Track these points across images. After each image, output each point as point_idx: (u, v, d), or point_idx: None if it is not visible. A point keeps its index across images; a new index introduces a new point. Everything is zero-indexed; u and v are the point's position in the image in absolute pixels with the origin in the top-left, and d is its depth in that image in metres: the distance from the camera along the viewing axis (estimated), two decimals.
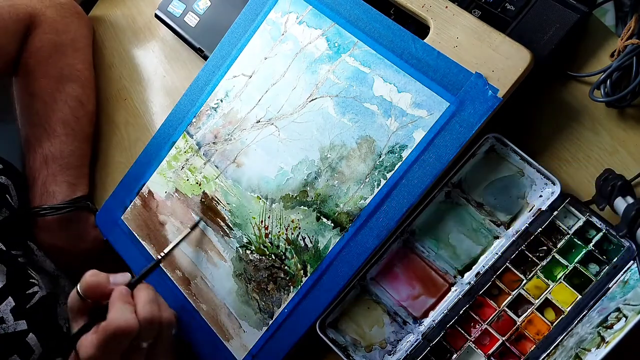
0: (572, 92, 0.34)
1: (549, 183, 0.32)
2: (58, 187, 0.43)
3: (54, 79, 0.44)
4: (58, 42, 0.45)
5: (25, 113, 0.45)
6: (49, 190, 0.43)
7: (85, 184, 0.46)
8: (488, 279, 0.32)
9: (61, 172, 0.44)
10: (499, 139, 0.32)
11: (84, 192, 0.45)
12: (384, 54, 0.34)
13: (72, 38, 0.46)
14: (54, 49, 0.44)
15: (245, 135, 0.38)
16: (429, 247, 0.34)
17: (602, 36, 0.34)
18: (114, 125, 0.48)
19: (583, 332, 0.30)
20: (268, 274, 0.36)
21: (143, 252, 0.41)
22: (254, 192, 0.37)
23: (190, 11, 0.45)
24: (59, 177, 0.44)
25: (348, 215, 0.34)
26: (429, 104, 0.33)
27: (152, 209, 0.41)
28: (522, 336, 0.32)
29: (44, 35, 0.44)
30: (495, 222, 0.33)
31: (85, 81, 0.46)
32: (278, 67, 0.38)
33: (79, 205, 0.44)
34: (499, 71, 0.31)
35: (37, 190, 0.44)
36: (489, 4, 0.35)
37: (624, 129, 0.32)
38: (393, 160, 0.33)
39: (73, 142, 0.44)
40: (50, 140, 0.44)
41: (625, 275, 0.30)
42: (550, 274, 0.32)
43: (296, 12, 0.37)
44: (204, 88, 0.40)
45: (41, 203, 0.43)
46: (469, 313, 0.32)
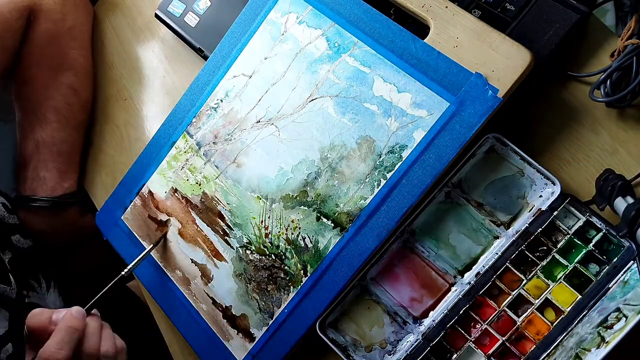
0: (572, 92, 0.34)
1: (549, 183, 0.32)
2: (48, 172, 0.44)
3: (48, 67, 0.44)
4: (55, 31, 0.44)
5: (19, 100, 0.45)
6: (39, 176, 0.44)
7: (75, 172, 0.46)
8: (488, 279, 0.32)
9: (52, 159, 0.44)
10: (499, 139, 0.32)
11: (73, 181, 0.46)
12: (384, 54, 0.34)
13: (69, 26, 0.45)
14: (50, 38, 0.44)
15: (245, 135, 0.38)
16: (429, 247, 0.34)
17: (602, 36, 0.34)
18: (114, 125, 0.48)
19: (583, 332, 0.30)
20: (268, 274, 0.36)
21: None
22: (254, 192, 0.37)
23: (190, 11, 0.45)
24: (50, 163, 0.44)
25: (348, 215, 0.34)
26: (429, 104, 0.33)
27: (152, 209, 0.41)
28: (522, 336, 0.32)
29: (42, 26, 0.44)
30: (495, 222, 0.33)
31: (80, 69, 0.46)
32: (278, 67, 0.38)
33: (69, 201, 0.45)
34: (499, 71, 0.31)
35: (28, 174, 0.44)
36: (489, 4, 0.35)
37: (624, 129, 0.32)
38: (393, 160, 0.33)
39: (65, 129, 0.45)
40: (42, 126, 0.44)
41: (626, 275, 0.30)
42: (550, 274, 0.32)
43: (296, 12, 0.37)
44: (204, 88, 0.40)
45: (32, 187, 0.44)
46: (469, 313, 0.32)
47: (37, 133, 0.44)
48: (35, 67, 0.44)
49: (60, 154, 0.45)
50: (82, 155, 0.48)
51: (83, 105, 0.47)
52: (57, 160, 0.44)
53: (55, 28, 0.44)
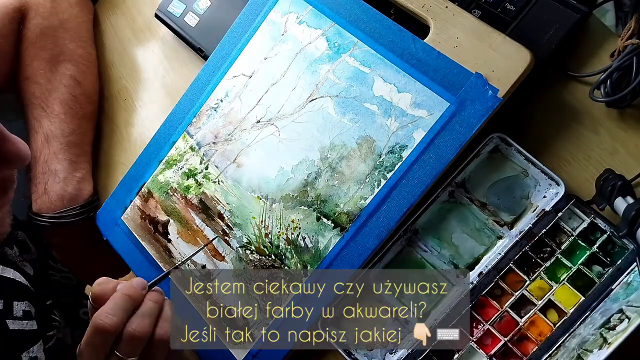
0: (572, 92, 0.34)
1: (553, 184, 0.32)
2: (60, 164, 0.43)
3: (45, 60, 0.44)
4: (46, 25, 0.44)
5: (25, 98, 0.45)
6: (50, 169, 0.43)
7: (87, 162, 0.45)
8: (491, 279, 0.32)
9: (62, 150, 0.44)
10: (503, 139, 0.32)
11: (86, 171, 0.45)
12: (384, 54, 0.34)
13: (61, 19, 0.45)
14: (42, 31, 0.44)
15: (245, 135, 0.38)
16: (431, 247, 0.34)
17: (602, 36, 0.34)
18: (114, 125, 0.48)
19: (585, 334, 0.30)
20: (268, 274, 0.36)
21: (143, 252, 0.41)
22: (254, 192, 0.37)
23: (190, 11, 0.45)
24: (60, 155, 0.43)
25: (348, 215, 0.34)
26: (429, 104, 0.33)
27: (152, 209, 0.41)
28: (524, 337, 0.32)
29: (32, 21, 0.44)
30: (498, 222, 0.33)
31: (79, 59, 0.46)
32: (278, 67, 0.38)
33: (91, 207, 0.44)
34: (499, 71, 0.31)
35: (39, 168, 0.43)
36: (489, 4, 0.35)
37: (624, 129, 0.32)
38: (393, 160, 0.33)
39: (73, 120, 0.44)
40: (50, 119, 0.44)
41: (629, 277, 0.30)
42: (553, 275, 0.32)
43: (296, 12, 0.37)
44: (204, 88, 0.40)
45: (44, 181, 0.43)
46: (471, 313, 0.32)
47: (45, 127, 0.44)
48: (34, 62, 0.44)
49: (70, 145, 0.44)
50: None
51: (88, 97, 0.46)
52: (68, 152, 0.44)
53: (46, 21, 0.44)
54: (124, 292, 0.30)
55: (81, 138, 0.45)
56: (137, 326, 0.29)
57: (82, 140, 0.45)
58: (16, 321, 0.35)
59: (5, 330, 0.34)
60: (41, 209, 0.43)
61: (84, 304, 0.48)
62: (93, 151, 0.48)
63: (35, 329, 0.36)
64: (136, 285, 0.31)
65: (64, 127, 0.44)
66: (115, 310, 0.29)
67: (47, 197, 0.43)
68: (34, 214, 0.43)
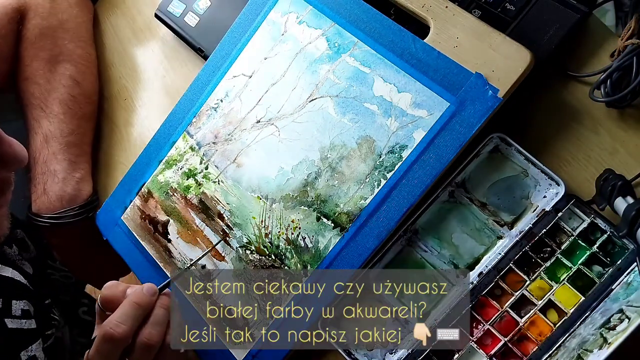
0: (572, 92, 0.34)
1: (553, 184, 0.32)
2: (59, 165, 0.43)
3: (44, 61, 0.44)
4: (45, 26, 0.44)
5: (24, 98, 0.45)
6: (50, 169, 0.43)
7: (86, 162, 0.45)
8: (491, 279, 0.32)
9: (61, 151, 0.43)
10: (504, 138, 0.32)
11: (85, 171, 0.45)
12: (384, 54, 0.34)
13: (60, 19, 0.45)
14: (41, 31, 0.44)
15: (245, 135, 0.38)
16: (431, 247, 0.34)
17: (602, 36, 0.34)
18: (114, 125, 0.48)
19: (585, 334, 0.30)
20: (268, 274, 0.36)
21: (143, 252, 0.41)
22: (254, 192, 0.37)
23: (190, 11, 0.45)
24: (60, 155, 0.43)
25: (348, 215, 0.34)
26: (429, 104, 0.33)
27: (152, 209, 0.41)
28: (524, 337, 0.32)
29: (31, 22, 0.44)
30: (498, 222, 0.33)
31: (78, 60, 0.46)
32: (278, 67, 0.38)
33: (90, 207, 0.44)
34: (499, 71, 0.31)
35: (38, 169, 0.43)
36: (489, 4, 0.35)
37: (624, 129, 0.32)
38: (393, 160, 0.33)
39: (72, 120, 0.44)
40: (49, 119, 0.44)
41: (629, 277, 0.30)
42: (553, 275, 0.32)
43: (296, 12, 0.37)
44: (204, 88, 0.40)
45: (43, 181, 0.43)
46: (471, 313, 0.32)
47: (44, 127, 0.44)
48: (34, 62, 0.44)
49: (70, 145, 0.44)
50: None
51: (88, 97, 0.46)
52: (68, 152, 0.44)
53: (45, 22, 0.44)
54: (134, 300, 0.30)
55: (80, 138, 0.45)
56: (150, 335, 0.30)
57: (81, 140, 0.45)
58: (15, 320, 0.35)
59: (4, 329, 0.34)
60: (40, 210, 0.43)
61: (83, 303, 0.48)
62: (93, 151, 0.47)
63: (34, 327, 0.36)
64: (147, 292, 0.31)
65: (63, 128, 0.44)
66: (125, 318, 0.29)
67: (46, 197, 0.43)
68: (33, 214, 0.43)
